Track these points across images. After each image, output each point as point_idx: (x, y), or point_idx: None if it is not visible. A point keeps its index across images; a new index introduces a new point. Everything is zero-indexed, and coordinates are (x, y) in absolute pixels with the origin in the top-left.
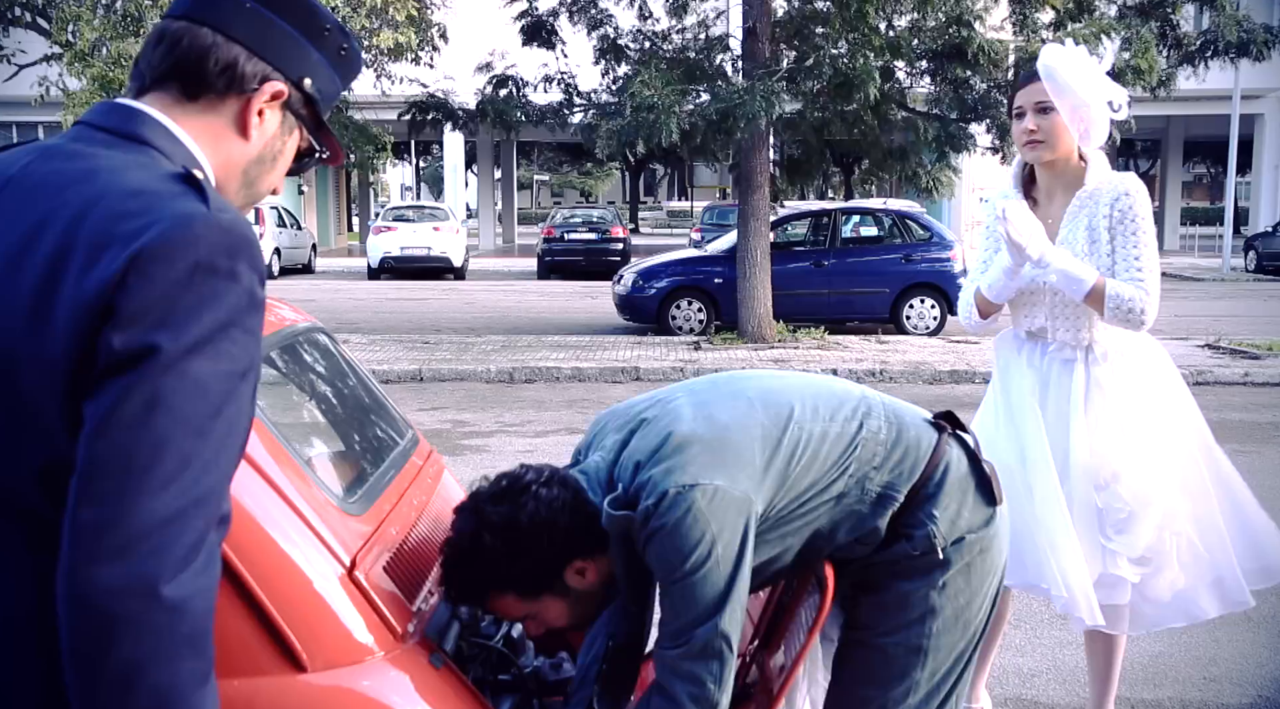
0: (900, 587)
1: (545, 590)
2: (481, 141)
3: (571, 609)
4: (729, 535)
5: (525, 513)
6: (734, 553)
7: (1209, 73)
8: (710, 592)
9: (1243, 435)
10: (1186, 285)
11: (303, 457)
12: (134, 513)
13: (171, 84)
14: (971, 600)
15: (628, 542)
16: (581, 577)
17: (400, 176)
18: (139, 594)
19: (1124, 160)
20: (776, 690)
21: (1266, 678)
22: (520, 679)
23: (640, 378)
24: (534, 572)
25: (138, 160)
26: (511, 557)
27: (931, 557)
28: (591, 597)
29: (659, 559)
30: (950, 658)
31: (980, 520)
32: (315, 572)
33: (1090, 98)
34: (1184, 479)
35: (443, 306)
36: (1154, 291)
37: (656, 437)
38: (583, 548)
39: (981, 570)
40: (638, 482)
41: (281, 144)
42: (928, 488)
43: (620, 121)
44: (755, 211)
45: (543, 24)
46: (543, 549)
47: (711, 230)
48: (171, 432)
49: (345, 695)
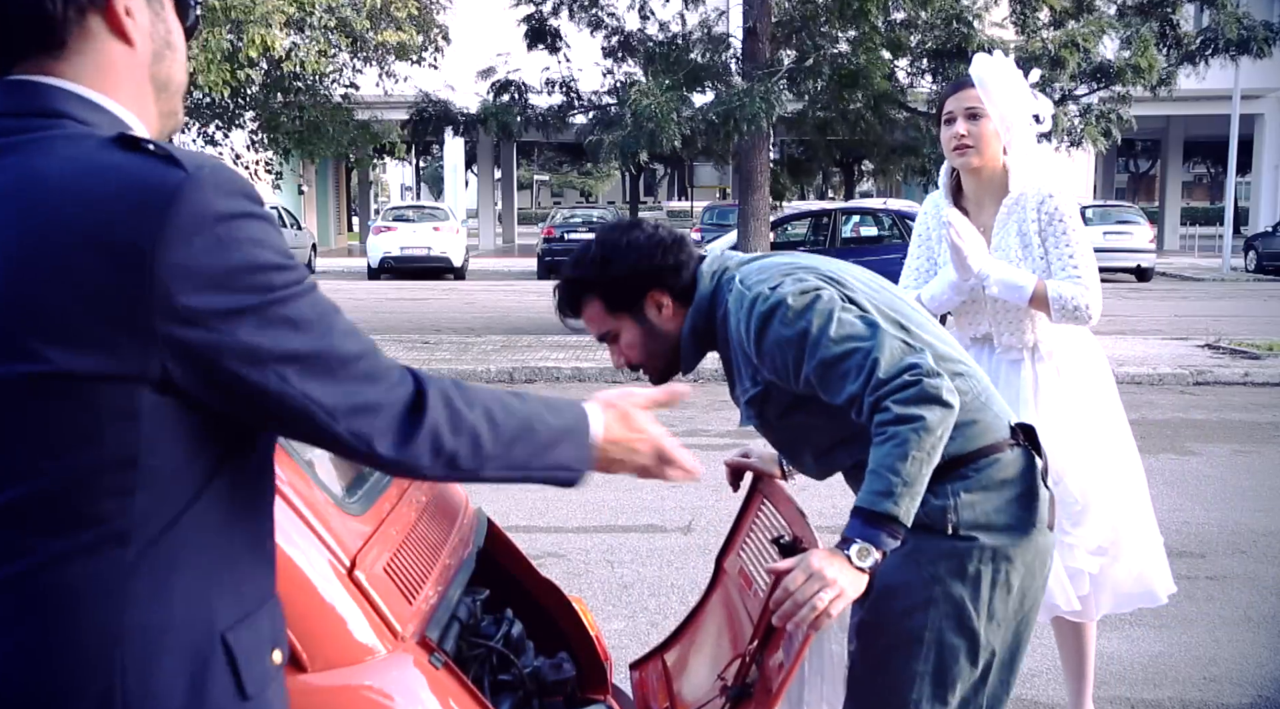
0: (901, 560)
1: (626, 309)
2: (481, 142)
3: (644, 341)
4: (825, 303)
5: (628, 236)
6: (840, 305)
7: (1209, 72)
8: (851, 329)
9: (1243, 435)
10: (1186, 285)
11: (302, 457)
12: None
13: (30, 47)
14: (980, 612)
15: (709, 321)
16: (658, 311)
17: (400, 177)
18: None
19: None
20: (776, 689)
21: (1266, 678)
22: (520, 679)
23: (640, 378)
24: (620, 285)
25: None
26: (604, 264)
27: (937, 534)
28: (662, 339)
29: (783, 339)
30: (958, 671)
31: (1007, 526)
32: (315, 572)
33: (1017, 108)
34: (1122, 472)
35: (443, 306)
36: (1094, 286)
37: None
38: (666, 284)
39: (999, 583)
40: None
41: (164, 24)
42: (967, 468)
43: (621, 132)
44: (755, 211)
45: (546, 27)
46: (630, 266)
47: (711, 230)
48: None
49: (345, 695)
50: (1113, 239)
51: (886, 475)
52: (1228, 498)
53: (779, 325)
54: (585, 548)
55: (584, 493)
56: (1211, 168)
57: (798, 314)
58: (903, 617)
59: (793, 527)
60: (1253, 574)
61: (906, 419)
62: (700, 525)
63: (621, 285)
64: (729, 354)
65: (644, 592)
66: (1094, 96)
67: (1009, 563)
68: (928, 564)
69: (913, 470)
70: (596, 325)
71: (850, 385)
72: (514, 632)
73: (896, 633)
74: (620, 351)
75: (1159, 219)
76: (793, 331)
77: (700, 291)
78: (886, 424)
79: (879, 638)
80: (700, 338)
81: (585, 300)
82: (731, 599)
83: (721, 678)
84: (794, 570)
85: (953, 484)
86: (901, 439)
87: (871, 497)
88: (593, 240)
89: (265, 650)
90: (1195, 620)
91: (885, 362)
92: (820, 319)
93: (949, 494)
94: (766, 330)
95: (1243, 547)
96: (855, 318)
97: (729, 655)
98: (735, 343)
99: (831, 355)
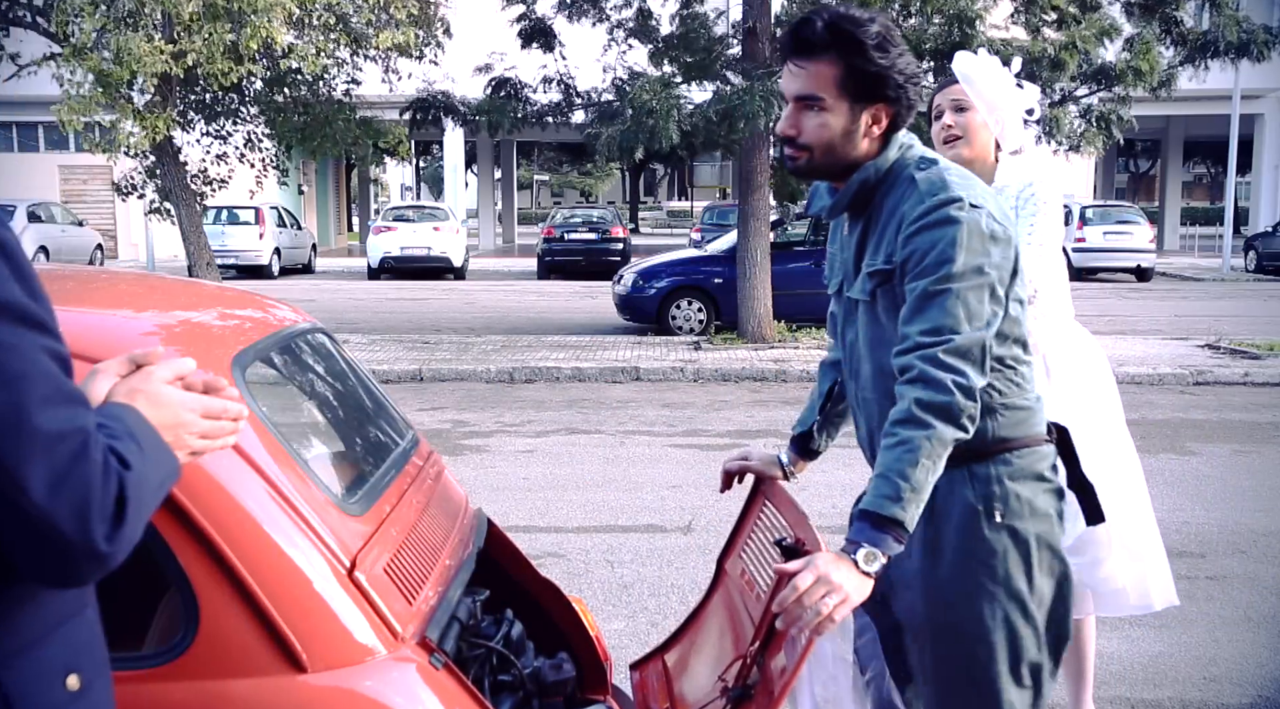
0: (962, 559)
1: (851, 97)
2: (481, 141)
3: (834, 135)
4: (998, 260)
5: (901, 44)
6: (996, 280)
7: (1209, 73)
8: (975, 304)
9: (1243, 435)
10: (1186, 285)
11: (302, 457)
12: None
13: None
14: (1036, 599)
15: (875, 184)
16: (869, 123)
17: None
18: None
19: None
20: (777, 692)
21: (1266, 678)
22: (520, 679)
23: (640, 378)
24: (877, 78)
25: None
26: (882, 48)
27: (989, 524)
28: (848, 147)
29: (935, 245)
30: (1030, 658)
31: (1047, 514)
32: (315, 572)
33: (1004, 102)
34: (1120, 475)
35: (443, 307)
36: (1047, 254)
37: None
38: (898, 113)
39: (1048, 570)
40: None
41: None
42: (1011, 453)
43: (620, 126)
44: (755, 211)
45: (541, 27)
46: (898, 72)
47: (711, 230)
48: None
49: (345, 696)
50: (1113, 239)
51: (895, 480)
52: (1228, 498)
53: (946, 233)
54: (585, 548)
55: (584, 493)
56: (1211, 168)
57: (965, 244)
58: (976, 618)
59: (795, 529)
60: (1253, 574)
61: (921, 423)
62: (700, 525)
63: (877, 77)
64: (876, 222)
65: (644, 592)
66: (1094, 98)
67: (1051, 552)
68: (987, 557)
69: (920, 477)
70: (810, 84)
71: (914, 327)
72: (514, 632)
73: (973, 635)
74: (799, 122)
75: (1159, 219)
76: (946, 249)
77: (887, 153)
78: (900, 423)
79: (957, 643)
80: (865, 191)
81: (829, 57)
82: (733, 600)
83: (722, 679)
84: (801, 573)
85: (996, 468)
86: (914, 445)
87: (880, 500)
88: (872, 16)
89: (53, 680)
90: (1195, 620)
91: (952, 350)
92: (970, 269)
93: (994, 479)
94: (935, 229)
95: (1243, 547)
96: (988, 305)
97: (730, 657)
98: (895, 217)
99: (935, 300)
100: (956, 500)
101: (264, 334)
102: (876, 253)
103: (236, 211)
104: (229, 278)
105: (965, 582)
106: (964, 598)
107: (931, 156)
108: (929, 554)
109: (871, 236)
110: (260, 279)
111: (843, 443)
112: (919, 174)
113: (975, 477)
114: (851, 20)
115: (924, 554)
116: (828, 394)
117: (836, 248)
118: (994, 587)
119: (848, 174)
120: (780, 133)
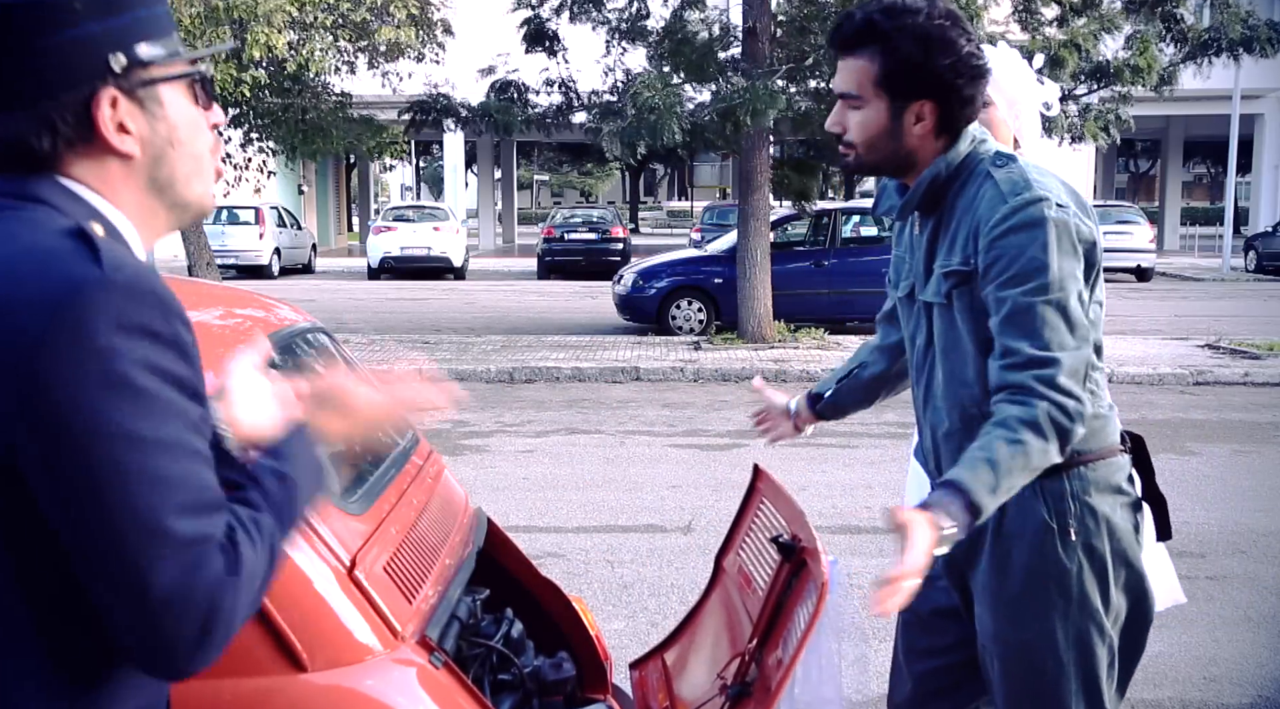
0: (1032, 577)
1: (891, 93)
2: (481, 142)
3: (878, 132)
4: (1084, 266)
5: (957, 38)
6: (1084, 286)
7: (1211, 72)
8: (1076, 313)
9: (1243, 435)
10: (1186, 285)
11: None
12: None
13: (24, 170)
14: (1110, 616)
15: (947, 181)
16: (915, 120)
17: (400, 177)
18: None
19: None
20: (774, 687)
21: (1266, 678)
22: (520, 679)
23: (640, 378)
24: (916, 71)
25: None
26: (923, 42)
27: (1064, 540)
28: (895, 144)
29: (1018, 257)
30: (1103, 674)
31: (1124, 529)
32: (315, 571)
33: (1024, 95)
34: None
35: (443, 306)
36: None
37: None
38: (948, 105)
39: (1122, 585)
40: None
41: (165, 123)
42: (1086, 466)
43: (623, 122)
44: (755, 211)
45: (544, 31)
46: (942, 65)
47: (711, 230)
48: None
49: (345, 695)
50: (1113, 239)
51: (1002, 476)
52: (1228, 498)
53: (1037, 237)
54: (585, 548)
55: (584, 493)
56: (1211, 168)
57: (1057, 248)
58: (1048, 636)
59: (791, 525)
60: (1253, 574)
61: (1043, 435)
62: (700, 525)
63: (913, 73)
64: (948, 221)
65: (644, 592)
66: (1094, 96)
67: (1129, 568)
68: (1060, 577)
69: (1015, 484)
70: (850, 80)
71: (1023, 343)
72: (514, 631)
73: (1044, 653)
74: (844, 120)
75: (1159, 219)
76: (1038, 255)
77: (958, 148)
78: (1026, 424)
79: (1027, 660)
80: (936, 190)
81: (865, 52)
82: (731, 598)
83: (721, 677)
84: (916, 555)
85: (1071, 483)
86: (1030, 453)
87: (978, 486)
88: (927, 5)
89: None
90: (1195, 620)
91: (1069, 373)
92: (1067, 275)
93: (1068, 495)
94: (1022, 231)
95: (1243, 547)
96: (1083, 315)
97: (728, 654)
98: (970, 216)
99: (1037, 311)
100: (1029, 518)
101: (265, 333)
102: (951, 253)
103: (236, 212)
104: (229, 278)
105: (1037, 600)
106: (1036, 617)
107: (1008, 152)
108: (998, 572)
109: (944, 236)
110: (260, 279)
111: (843, 443)
112: (997, 171)
113: (1048, 493)
114: (892, 13)
115: (993, 571)
116: (850, 373)
117: (904, 250)
118: (1068, 605)
119: (908, 171)
120: (828, 128)
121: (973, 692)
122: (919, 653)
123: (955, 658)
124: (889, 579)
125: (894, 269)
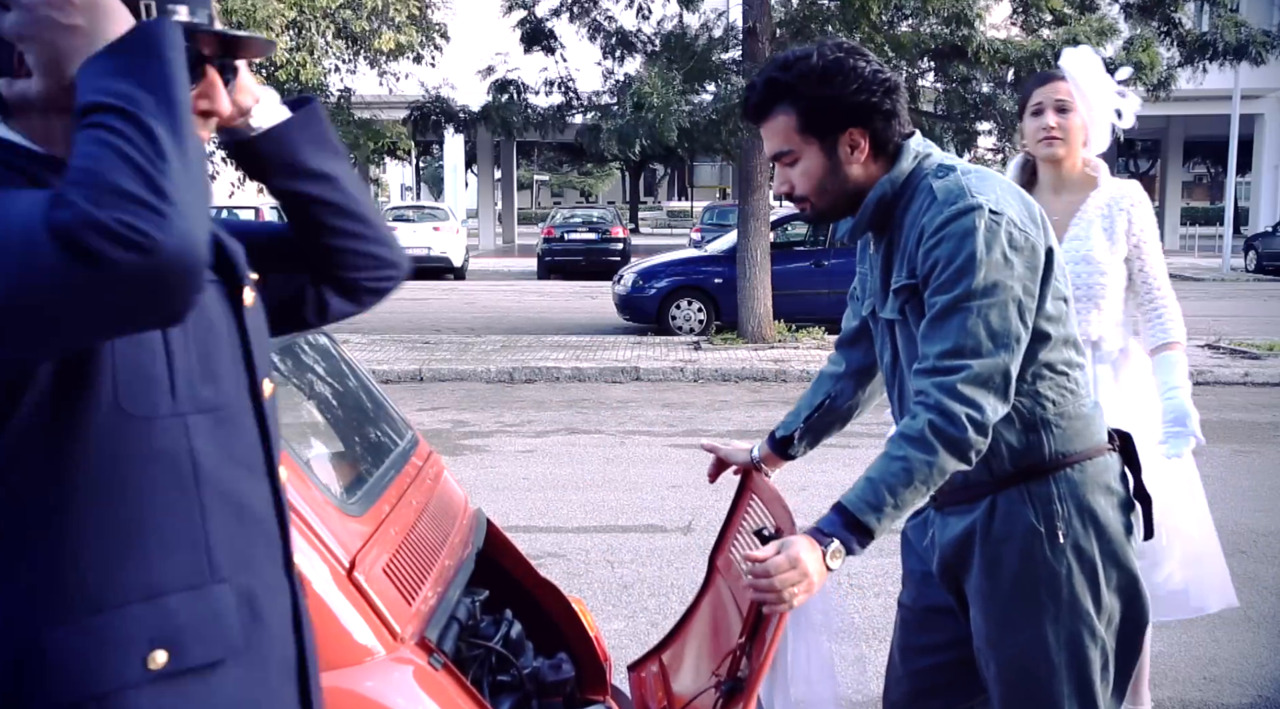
0: (1020, 584)
1: (819, 135)
2: (481, 142)
3: (821, 176)
4: (1021, 271)
5: (855, 60)
6: (1022, 293)
7: (1209, 73)
8: (998, 322)
9: (1243, 435)
10: (1186, 285)
11: (302, 457)
12: None
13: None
14: (1102, 619)
15: (894, 198)
16: (850, 151)
17: (400, 177)
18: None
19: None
20: (752, 677)
21: (1266, 678)
22: (520, 680)
23: (640, 378)
24: (827, 107)
25: None
26: (822, 79)
27: (1053, 545)
28: (841, 181)
29: (948, 264)
30: (1096, 678)
31: (1114, 529)
32: (315, 572)
33: (1103, 104)
34: (1177, 473)
35: (443, 306)
36: (1148, 252)
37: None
38: (874, 127)
39: (1114, 588)
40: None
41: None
42: (1073, 468)
43: (621, 120)
44: (755, 211)
45: (542, 30)
46: (849, 92)
47: (711, 230)
48: None
49: (345, 696)
50: None
51: (883, 492)
52: (1228, 498)
53: (965, 245)
54: (585, 548)
55: (584, 493)
56: (1211, 168)
57: (986, 257)
58: (1039, 639)
59: (776, 519)
60: (1253, 574)
61: (928, 447)
62: (700, 525)
63: (829, 108)
64: (898, 238)
65: (644, 592)
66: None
67: (1120, 568)
68: (1050, 580)
69: (908, 498)
70: (777, 141)
71: (934, 347)
72: (513, 632)
73: (1036, 655)
74: (788, 178)
75: (1159, 219)
76: (966, 263)
77: (901, 166)
78: (908, 439)
79: (1020, 662)
80: (884, 208)
81: (779, 110)
82: (724, 596)
83: (715, 674)
84: (779, 557)
85: (1058, 486)
86: (913, 467)
87: (862, 505)
88: (814, 49)
89: (128, 651)
90: (1195, 620)
91: (972, 379)
92: (991, 284)
93: (1055, 498)
94: (953, 240)
95: (1243, 547)
96: (1014, 322)
97: (722, 651)
98: (915, 229)
99: (955, 317)
100: (1017, 522)
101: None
102: (901, 269)
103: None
104: None
105: (1028, 603)
106: (1027, 620)
107: (950, 162)
108: (988, 576)
109: (896, 253)
110: None
111: (843, 443)
112: (936, 182)
113: (1034, 496)
114: (787, 66)
115: (984, 575)
116: (818, 407)
117: (866, 268)
118: (1058, 608)
119: (861, 201)
120: (776, 193)
121: (968, 690)
122: (915, 650)
123: (951, 656)
124: (746, 556)
125: (858, 287)
